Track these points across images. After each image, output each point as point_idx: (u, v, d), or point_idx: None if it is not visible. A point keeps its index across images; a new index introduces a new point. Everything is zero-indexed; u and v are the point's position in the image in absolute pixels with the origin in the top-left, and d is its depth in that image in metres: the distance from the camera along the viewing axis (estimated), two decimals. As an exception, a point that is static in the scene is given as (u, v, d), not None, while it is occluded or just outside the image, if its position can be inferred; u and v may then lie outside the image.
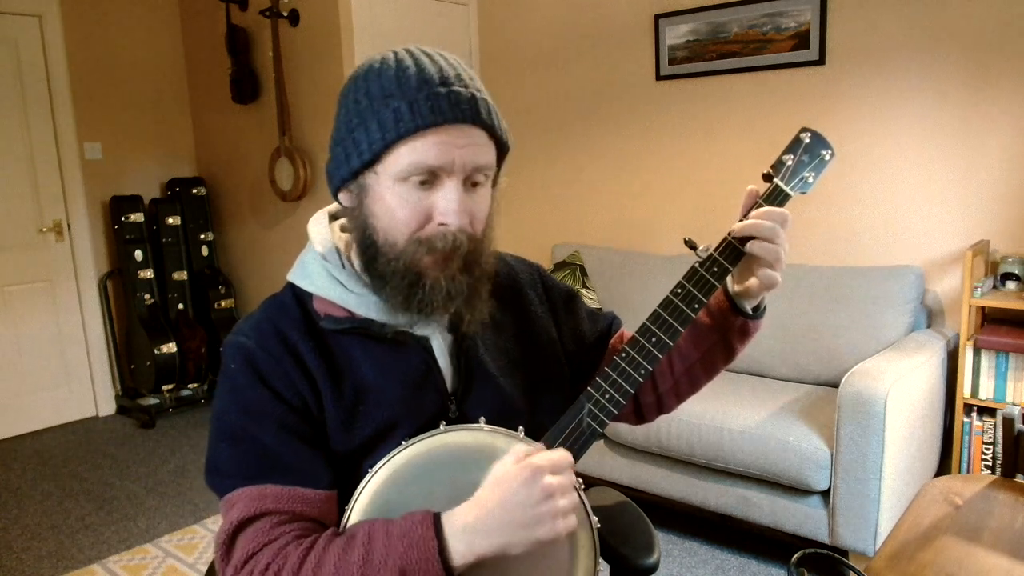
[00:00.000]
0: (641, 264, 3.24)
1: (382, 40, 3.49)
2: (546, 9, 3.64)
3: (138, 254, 4.07)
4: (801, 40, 2.91)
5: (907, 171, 2.77)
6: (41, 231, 3.97)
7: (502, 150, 0.97)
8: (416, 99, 0.87)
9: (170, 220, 4.18)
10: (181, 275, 4.22)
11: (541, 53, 3.71)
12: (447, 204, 0.89)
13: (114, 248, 4.18)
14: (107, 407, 4.22)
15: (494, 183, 0.99)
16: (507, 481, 0.83)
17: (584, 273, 3.37)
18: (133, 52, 4.23)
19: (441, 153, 0.88)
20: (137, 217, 4.08)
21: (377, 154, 0.89)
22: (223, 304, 4.27)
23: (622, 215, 3.55)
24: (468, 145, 0.89)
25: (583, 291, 3.31)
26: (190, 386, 4.27)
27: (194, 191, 4.29)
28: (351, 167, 0.92)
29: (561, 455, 0.86)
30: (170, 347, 4.01)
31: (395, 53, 0.93)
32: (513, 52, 3.81)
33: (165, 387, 4.07)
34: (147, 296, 4.09)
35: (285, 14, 3.61)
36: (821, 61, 2.88)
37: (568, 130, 3.67)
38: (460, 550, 0.81)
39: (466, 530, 0.82)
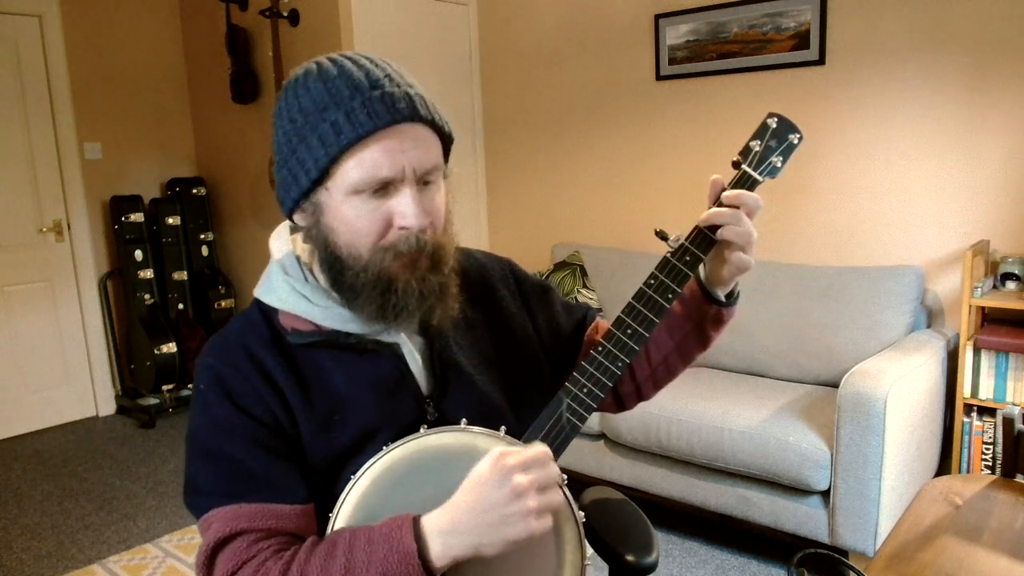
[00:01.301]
0: (641, 264, 3.24)
1: (382, 40, 3.49)
2: (546, 9, 3.64)
3: (138, 254, 4.07)
4: (801, 40, 2.91)
5: (907, 171, 2.77)
6: (41, 231, 3.97)
7: (446, 141, 0.96)
8: (351, 107, 0.87)
9: (170, 220, 4.18)
10: (181, 275, 4.22)
11: (541, 53, 3.71)
12: (406, 208, 0.89)
13: (114, 248, 4.18)
14: (107, 407, 4.22)
15: (444, 175, 0.99)
16: (479, 482, 0.83)
17: (584, 273, 3.37)
18: (133, 52, 4.23)
19: (391, 162, 0.88)
20: (137, 217, 4.08)
21: (324, 169, 0.89)
22: (223, 304, 4.27)
23: (622, 215, 3.55)
24: (414, 147, 0.89)
25: (583, 291, 3.31)
26: (190, 386, 4.26)
27: (194, 191, 4.29)
28: (300, 187, 0.91)
29: (536, 452, 0.85)
30: (170, 347, 4.01)
31: (318, 63, 0.92)
32: (513, 52, 3.81)
33: (165, 387, 4.07)
34: (147, 296, 4.09)
35: (285, 14, 3.61)
36: (821, 61, 2.88)
37: (568, 130, 3.67)
38: (437, 552, 0.82)
39: (442, 532, 0.82)
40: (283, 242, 1.02)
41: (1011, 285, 2.51)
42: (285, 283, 0.97)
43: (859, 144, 2.85)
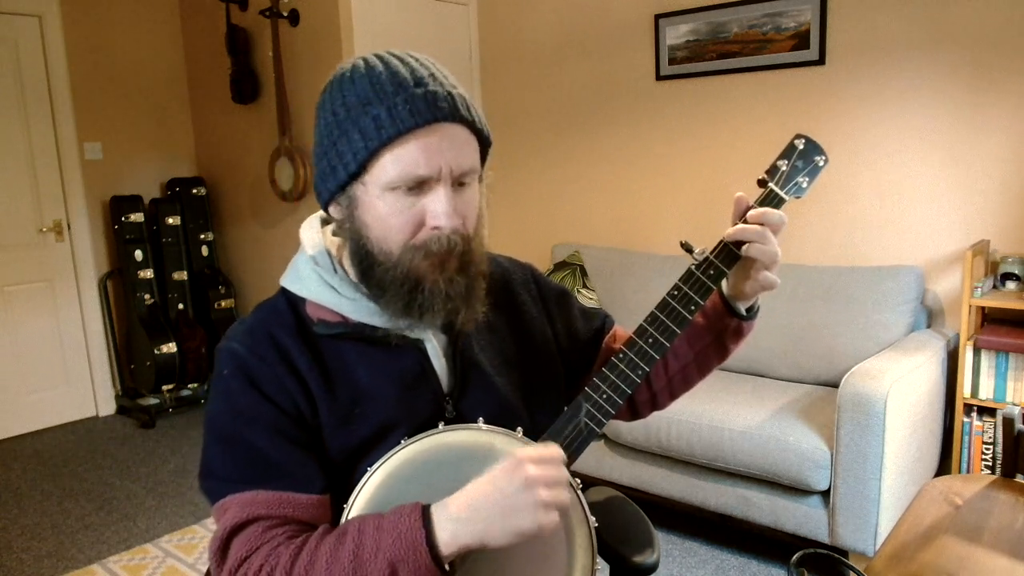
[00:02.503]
0: (641, 264, 3.24)
1: (382, 40, 3.49)
2: (546, 9, 3.64)
3: (138, 254, 4.07)
4: (801, 40, 2.91)
5: (907, 170, 2.77)
6: (41, 231, 3.97)
7: (484, 144, 0.97)
8: (394, 103, 0.87)
9: (170, 220, 4.18)
10: (181, 275, 4.22)
11: (541, 53, 3.71)
12: (439, 208, 0.89)
13: (114, 248, 4.18)
14: (107, 407, 4.22)
15: (480, 178, 0.99)
16: (493, 474, 0.84)
17: (584, 273, 3.37)
18: (133, 52, 4.23)
19: (428, 161, 0.88)
20: (137, 217, 4.08)
21: (362, 164, 0.89)
22: (223, 304, 4.27)
23: (622, 215, 3.55)
24: (452, 148, 0.89)
25: (583, 291, 3.31)
26: (190, 386, 4.27)
27: (194, 191, 4.29)
28: (338, 179, 0.92)
29: (548, 449, 0.85)
30: (170, 347, 4.00)
31: (364, 59, 0.93)
32: (513, 52, 3.81)
33: (165, 387, 4.07)
34: (147, 296, 4.09)
35: (285, 14, 3.61)
36: (821, 61, 2.88)
37: (568, 130, 3.67)
38: (445, 539, 0.82)
39: (451, 519, 0.82)
40: (314, 233, 1.02)
41: (1011, 285, 2.51)
42: (314, 273, 0.98)
43: (859, 144, 2.85)
